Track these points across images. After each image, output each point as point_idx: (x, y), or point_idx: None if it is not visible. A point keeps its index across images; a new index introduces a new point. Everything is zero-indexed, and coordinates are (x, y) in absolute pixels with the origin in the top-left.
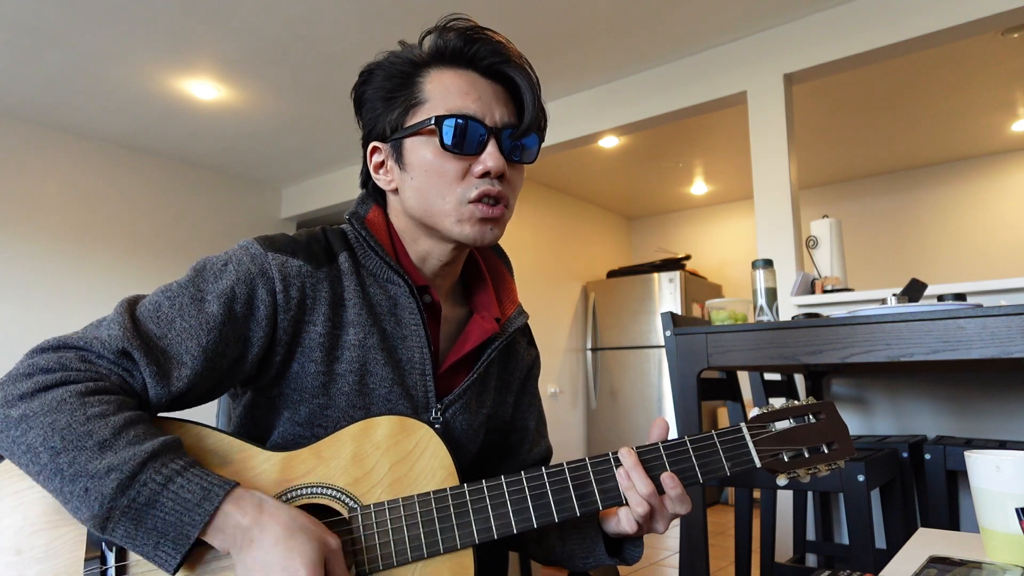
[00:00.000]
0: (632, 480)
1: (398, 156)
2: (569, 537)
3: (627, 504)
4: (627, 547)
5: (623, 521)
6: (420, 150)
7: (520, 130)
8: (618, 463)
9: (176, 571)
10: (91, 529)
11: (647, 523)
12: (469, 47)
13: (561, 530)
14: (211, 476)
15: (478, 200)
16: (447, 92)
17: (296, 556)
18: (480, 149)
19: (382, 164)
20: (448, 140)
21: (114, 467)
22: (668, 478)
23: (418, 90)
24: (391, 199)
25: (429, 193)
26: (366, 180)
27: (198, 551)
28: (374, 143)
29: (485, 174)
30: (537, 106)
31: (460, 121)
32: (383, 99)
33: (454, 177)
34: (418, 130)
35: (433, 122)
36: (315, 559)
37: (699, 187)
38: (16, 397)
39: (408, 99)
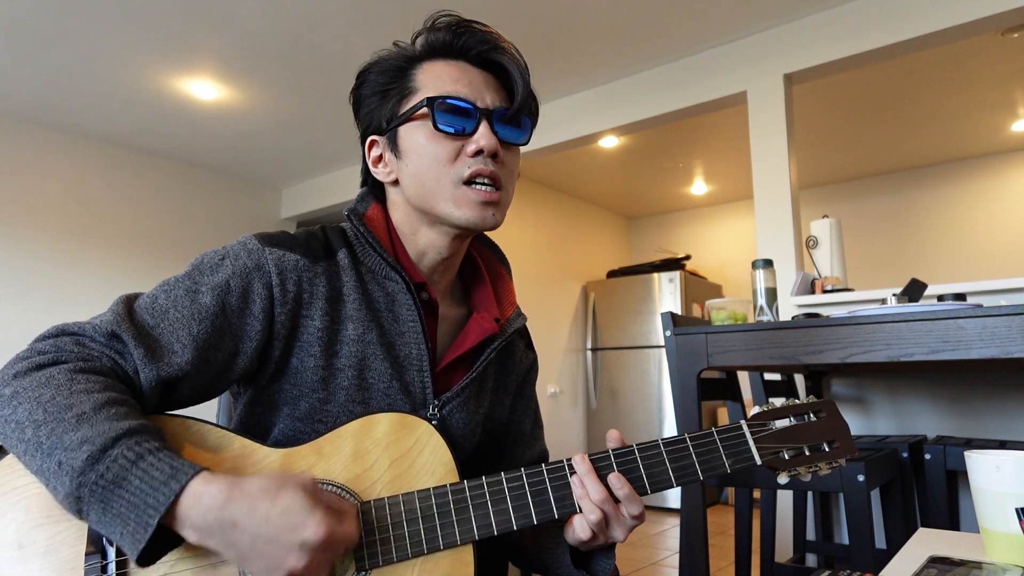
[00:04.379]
0: (586, 487)
1: (394, 145)
2: (542, 547)
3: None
4: (598, 558)
5: (578, 529)
6: (414, 135)
7: (511, 111)
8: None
9: (145, 562)
10: (70, 512)
11: (603, 531)
12: (458, 39)
13: (536, 539)
14: (183, 459)
15: (472, 180)
16: (438, 80)
17: (294, 512)
18: (472, 130)
19: (380, 158)
20: (440, 121)
21: (87, 439)
22: (615, 478)
23: (411, 81)
24: (391, 192)
25: (424, 177)
26: (366, 177)
27: (189, 547)
28: (372, 137)
29: (478, 153)
30: (527, 88)
31: (451, 102)
32: (378, 94)
33: (447, 158)
34: (411, 115)
35: (425, 104)
36: (311, 503)
37: (699, 187)
38: (10, 376)
39: (402, 90)
